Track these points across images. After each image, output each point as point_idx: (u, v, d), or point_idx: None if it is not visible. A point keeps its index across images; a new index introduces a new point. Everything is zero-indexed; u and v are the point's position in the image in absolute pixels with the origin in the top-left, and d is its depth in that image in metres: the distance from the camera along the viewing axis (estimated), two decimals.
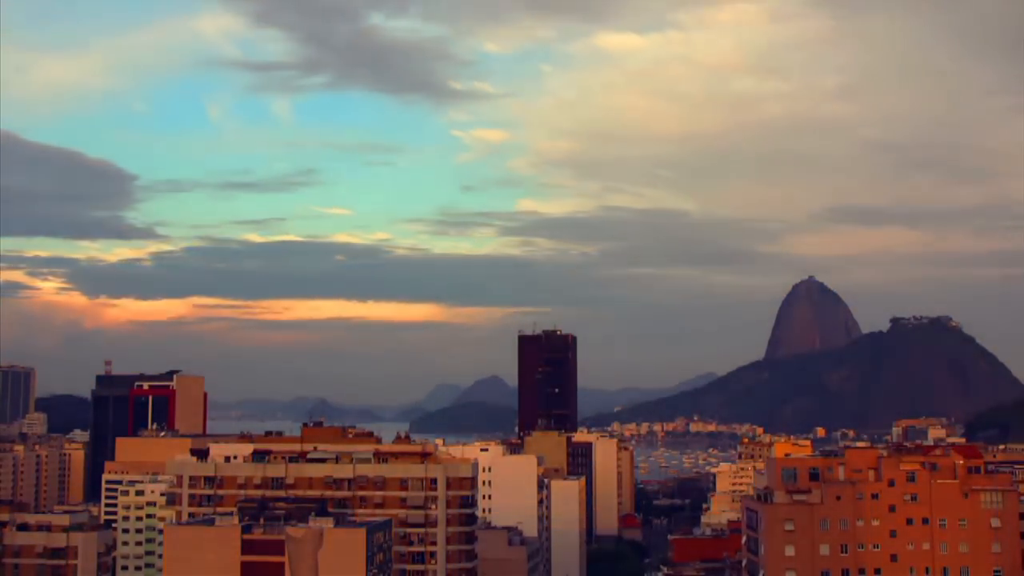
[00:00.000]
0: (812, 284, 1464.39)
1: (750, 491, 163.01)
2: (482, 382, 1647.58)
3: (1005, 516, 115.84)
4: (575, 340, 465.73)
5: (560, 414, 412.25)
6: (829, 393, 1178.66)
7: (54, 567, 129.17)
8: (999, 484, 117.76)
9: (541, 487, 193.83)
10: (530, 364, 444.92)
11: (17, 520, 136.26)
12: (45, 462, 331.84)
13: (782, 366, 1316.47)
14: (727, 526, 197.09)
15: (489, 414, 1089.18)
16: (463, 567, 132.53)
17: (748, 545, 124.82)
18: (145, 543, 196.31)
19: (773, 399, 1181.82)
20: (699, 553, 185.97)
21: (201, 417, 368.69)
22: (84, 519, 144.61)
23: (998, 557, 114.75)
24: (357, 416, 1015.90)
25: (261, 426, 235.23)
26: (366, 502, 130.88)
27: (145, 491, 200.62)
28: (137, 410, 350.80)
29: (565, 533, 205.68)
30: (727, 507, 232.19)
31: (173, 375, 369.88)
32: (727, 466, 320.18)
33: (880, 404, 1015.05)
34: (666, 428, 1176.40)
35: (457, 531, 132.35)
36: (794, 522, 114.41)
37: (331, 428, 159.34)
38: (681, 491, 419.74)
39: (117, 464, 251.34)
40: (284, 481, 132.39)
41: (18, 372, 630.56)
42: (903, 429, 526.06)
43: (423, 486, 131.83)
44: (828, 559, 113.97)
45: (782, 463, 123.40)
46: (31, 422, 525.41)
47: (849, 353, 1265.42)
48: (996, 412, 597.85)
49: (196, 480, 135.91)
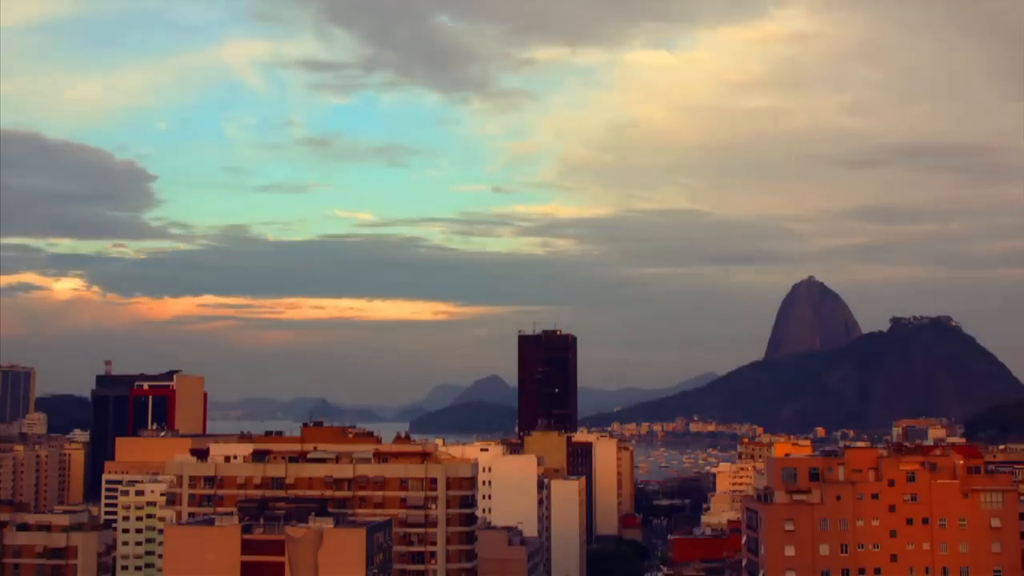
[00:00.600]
0: (812, 284, 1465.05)
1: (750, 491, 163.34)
2: (482, 382, 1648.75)
3: (1005, 516, 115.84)
4: (575, 340, 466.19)
5: (560, 414, 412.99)
6: (829, 393, 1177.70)
7: (54, 567, 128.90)
8: (999, 484, 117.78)
9: (541, 487, 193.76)
10: (530, 364, 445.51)
11: (17, 520, 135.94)
12: (45, 462, 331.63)
13: (782, 366, 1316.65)
14: (727, 526, 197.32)
15: (489, 414, 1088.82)
16: (463, 567, 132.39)
17: (748, 545, 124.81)
18: (145, 543, 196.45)
19: (773, 399, 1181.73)
20: (699, 553, 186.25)
21: (201, 417, 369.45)
22: (84, 519, 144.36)
23: (998, 557, 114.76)
24: (357, 416, 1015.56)
25: (261, 426, 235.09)
26: (366, 502, 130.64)
27: (145, 491, 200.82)
28: (137, 410, 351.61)
29: (565, 533, 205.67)
30: (727, 507, 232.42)
31: (173, 375, 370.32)
32: (727, 466, 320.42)
33: (880, 404, 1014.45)
34: (666, 428, 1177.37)
35: (457, 531, 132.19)
36: (794, 522, 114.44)
37: (331, 428, 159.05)
38: (681, 491, 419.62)
39: (117, 464, 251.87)
40: (284, 481, 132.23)
41: (18, 372, 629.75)
42: (903, 429, 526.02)
43: (423, 486, 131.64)
44: (828, 559, 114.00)
45: (782, 463, 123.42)
46: (31, 422, 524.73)
47: (849, 353, 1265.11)
48: (996, 412, 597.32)
49: (196, 480, 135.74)
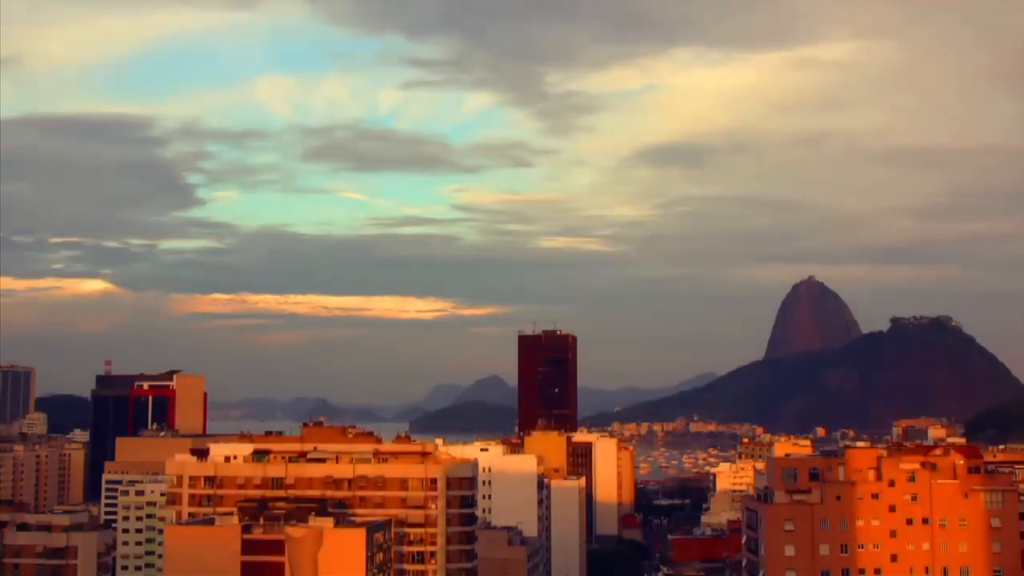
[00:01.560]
0: (812, 284, 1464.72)
1: (750, 491, 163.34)
2: (482, 382, 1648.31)
3: (1005, 516, 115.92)
4: (575, 340, 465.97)
5: (560, 414, 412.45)
6: (829, 393, 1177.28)
7: (54, 567, 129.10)
8: (999, 484, 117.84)
9: (541, 487, 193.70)
10: (530, 364, 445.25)
11: (17, 520, 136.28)
12: (45, 462, 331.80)
13: (782, 366, 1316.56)
14: (727, 526, 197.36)
15: (489, 414, 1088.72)
16: (463, 567, 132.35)
17: (748, 545, 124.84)
18: (145, 543, 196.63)
19: (773, 399, 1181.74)
20: (699, 553, 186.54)
21: (201, 417, 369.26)
22: (84, 519, 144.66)
23: (998, 557, 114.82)
24: (357, 416, 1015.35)
25: (261, 426, 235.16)
26: (366, 502, 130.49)
27: (145, 491, 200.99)
28: (137, 410, 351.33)
29: (565, 533, 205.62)
30: (727, 507, 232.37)
31: (173, 375, 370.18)
32: (727, 466, 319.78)
33: (880, 404, 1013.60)
34: (666, 428, 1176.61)
35: (457, 531, 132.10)
36: (794, 522, 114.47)
37: (331, 428, 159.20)
38: (681, 491, 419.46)
39: (117, 464, 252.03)
40: (284, 481, 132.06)
41: (18, 372, 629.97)
42: (903, 429, 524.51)
43: (423, 486, 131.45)
44: (828, 559, 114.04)
45: (782, 463, 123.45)
46: (31, 422, 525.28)
47: (849, 353, 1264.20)
48: (996, 412, 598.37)
49: (196, 480, 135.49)
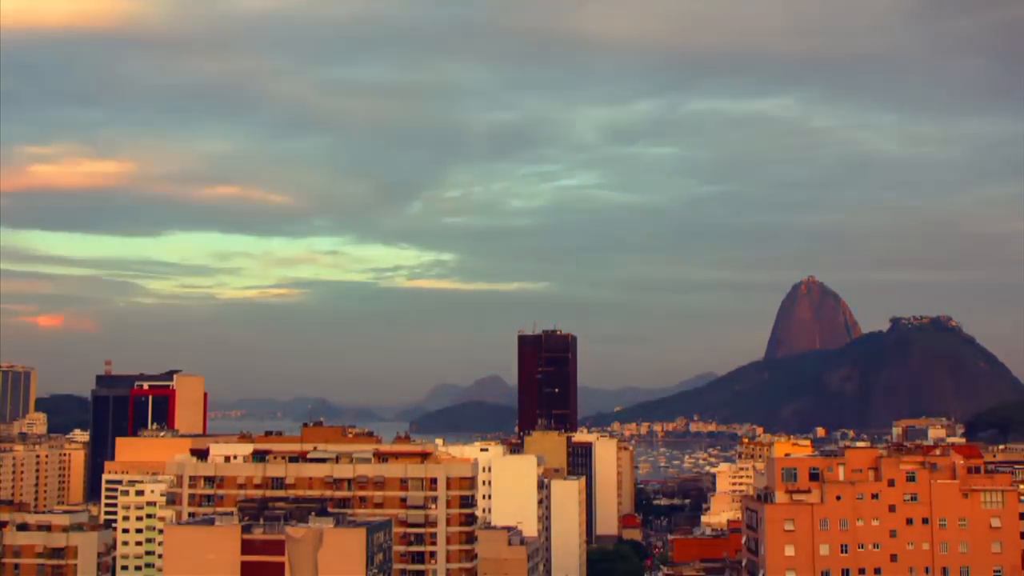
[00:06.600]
0: (812, 284, 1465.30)
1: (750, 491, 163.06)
2: (482, 382, 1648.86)
3: (1005, 516, 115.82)
4: (575, 340, 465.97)
5: (560, 414, 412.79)
6: (829, 393, 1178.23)
7: (54, 567, 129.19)
8: (999, 484, 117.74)
9: (541, 487, 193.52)
10: (530, 364, 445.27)
11: (17, 520, 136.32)
12: (45, 462, 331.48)
13: (782, 366, 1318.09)
14: (727, 526, 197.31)
15: (489, 414, 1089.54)
16: (463, 567, 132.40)
17: (748, 545, 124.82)
18: (145, 543, 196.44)
19: (773, 399, 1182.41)
20: (699, 553, 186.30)
21: (201, 417, 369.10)
22: (84, 519, 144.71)
23: (998, 557, 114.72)
24: (357, 416, 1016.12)
25: (261, 426, 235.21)
26: (366, 502, 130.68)
27: (145, 491, 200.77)
28: (137, 410, 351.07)
29: (565, 533, 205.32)
30: (727, 507, 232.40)
31: (173, 375, 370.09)
32: (727, 466, 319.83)
33: (880, 404, 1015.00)
34: (666, 428, 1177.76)
35: (457, 531, 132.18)
36: (794, 522, 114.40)
37: (331, 428, 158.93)
38: (681, 491, 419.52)
39: (117, 464, 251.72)
40: (284, 481, 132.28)
41: (18, 372, 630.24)
42: (903, 429, 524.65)
43: (423, 486, 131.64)
44: (828, 559, 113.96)
45: (782, 463, 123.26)
46: (31, 422, 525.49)
47: (849, 353, 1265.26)
48: (996, 412, 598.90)
49: (196, 480, 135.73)
